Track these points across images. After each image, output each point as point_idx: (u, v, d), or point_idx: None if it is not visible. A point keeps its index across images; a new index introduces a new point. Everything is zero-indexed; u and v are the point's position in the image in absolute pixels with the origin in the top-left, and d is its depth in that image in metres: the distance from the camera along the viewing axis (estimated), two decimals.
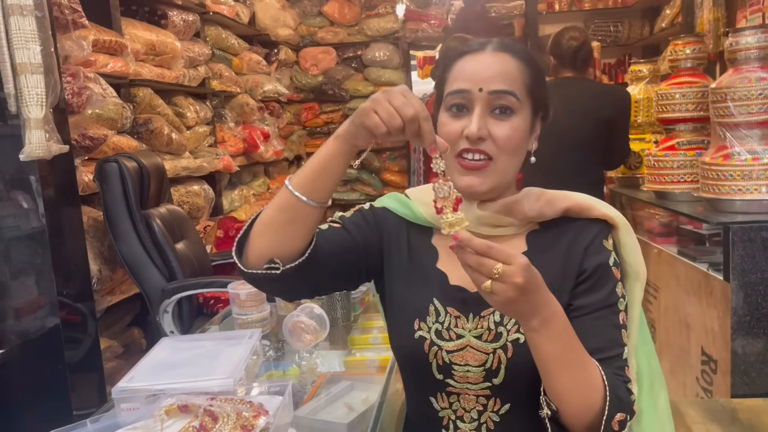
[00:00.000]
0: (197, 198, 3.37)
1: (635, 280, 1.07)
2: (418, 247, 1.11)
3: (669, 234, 2.75)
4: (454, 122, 1.03)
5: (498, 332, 1.01)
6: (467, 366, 1.02)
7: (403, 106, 0.88)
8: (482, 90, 1.00)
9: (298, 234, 0.97)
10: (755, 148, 2.12)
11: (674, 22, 4.67)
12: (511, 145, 1.01)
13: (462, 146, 1.01)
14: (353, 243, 1.09)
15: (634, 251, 1.07)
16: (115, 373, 2.48)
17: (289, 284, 1.00)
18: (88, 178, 2.45)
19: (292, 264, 0.97)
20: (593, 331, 0.98)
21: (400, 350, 1.09)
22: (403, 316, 1.08)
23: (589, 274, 1.02)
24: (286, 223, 0.97)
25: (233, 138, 4.07)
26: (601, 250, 1.04)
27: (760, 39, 2.14)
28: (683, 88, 2.59)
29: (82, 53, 2.28)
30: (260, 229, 0.99)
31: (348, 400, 1.36)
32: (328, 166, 0.95)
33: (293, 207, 0.96)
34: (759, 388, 2.01)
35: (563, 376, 0.90)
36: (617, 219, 1.06)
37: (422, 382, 1.07)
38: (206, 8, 3.78)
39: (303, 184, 0.96)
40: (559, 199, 1.06)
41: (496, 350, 1.01)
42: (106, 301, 2.55)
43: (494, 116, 1.01)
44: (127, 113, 2.65)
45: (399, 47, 5.57)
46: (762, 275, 2.01)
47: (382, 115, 0.89)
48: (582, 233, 1.05)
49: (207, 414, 0.98)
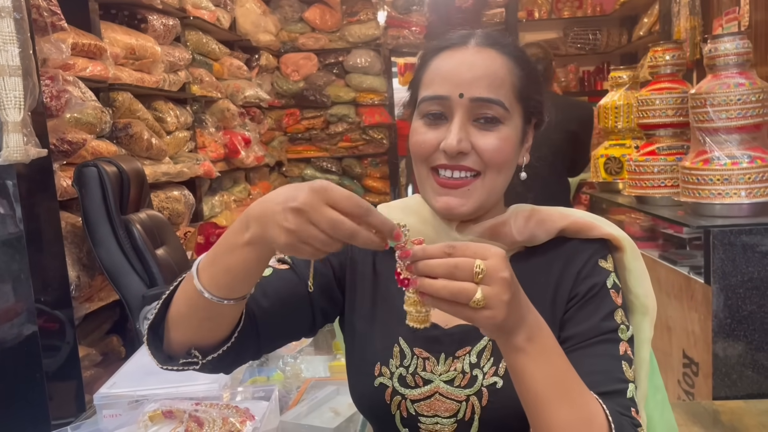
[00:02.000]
0: (177, 204, 3.33)
1: (643, 314, 0.90)
2: (385, 273, 0.95)
3: (650, 238, 2.78)
4: (429, 132, 0.86)
5: (473, 375, 0.85)
6: (436, 417, 0.86)
7: (334, 228, 0.65)
8: (463, 96, 0.84)
9: (219, 325, 0.80)
10: (734, 152, 2.15)
11: (652, 30, 4.75)
12: (499, 159, 0.86)
13: (439, 161, 0.85)
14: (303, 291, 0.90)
15: (642, 280, 0.90)
16: (93, 381, 2.44)
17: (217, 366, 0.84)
18: (67, 182, 2.41)
19: (214, 354, 0.81)
20: (587, 363, 0.80)
21: (360, 400, 0.93)
22: (362, 358, 0.92)
23: (584, 297, 0.86)
24: (203, 320, 0.78)
25: (214, 143, 4.04)
26: (598, 272, 0.87)
27: (738, 45, 2.17)
28: (663, 94, 2.63)
29: (61, 56, 2.25)
30: (175, 323, 0.80)
31: (333, 405, 1.35)
32: (246, 271, 0.75)
33: (210, 306, 0.76)
34: (740, 390, 2.04)
35: (557, 410, 0.71)
36: (623, 240, 0.89)
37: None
38: (187, 13, 3.75)
39: (218, 288, 0.75)
40: (554, 218, 0.89)
41: (469, 397, 0.85)
42: (84, 309, 2.50)
43: (478, 125, 0.86)
44: (106, 117, 2.61)
45: (380, 54, 5.58)
46: (742, 278, 2.03)
47: (316, 246, 0.67)
48: (575, 256, 0.89)
49: (192, 419, 0.97)
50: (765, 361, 2.05)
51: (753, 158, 2.13)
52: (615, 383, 0.80)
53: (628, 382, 0.81)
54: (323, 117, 5.60)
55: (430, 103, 0.86)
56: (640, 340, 0.89)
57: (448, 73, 0.86)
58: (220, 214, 4.12)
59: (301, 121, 5.66)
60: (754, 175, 2.11)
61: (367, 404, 0.92)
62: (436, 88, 0.86)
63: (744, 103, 2.12)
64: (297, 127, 5.67)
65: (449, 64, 0.86)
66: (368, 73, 5.55)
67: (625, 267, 0.90)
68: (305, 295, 0.90)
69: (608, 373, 0.80)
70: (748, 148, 2.15)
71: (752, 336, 2.04)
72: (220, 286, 0.75)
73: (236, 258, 0.73)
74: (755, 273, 2.03)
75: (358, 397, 0.93)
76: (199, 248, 3.28)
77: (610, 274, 0.88)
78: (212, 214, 4.05)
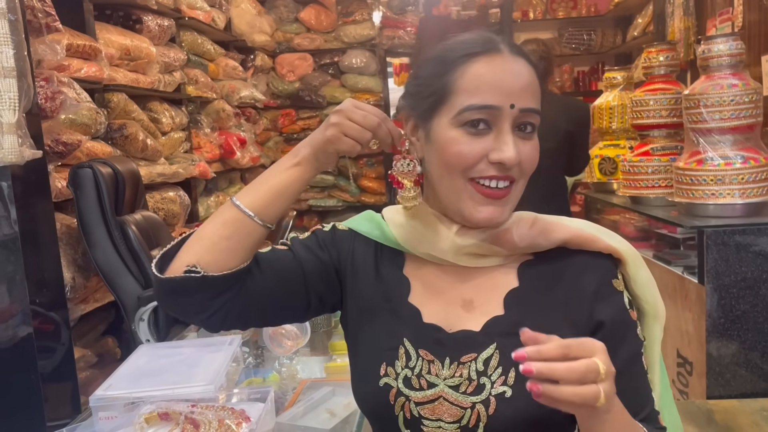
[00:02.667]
0: (173, 204, 3.32)
1: (654, 318, 0.92)
2: (388, 276, 0.95)
3: (644, 238, 2.79)
4: (473, 142, 0.84)
5: (480, 383, 0.85)
6: (439, 422, 0.86)
7: (365, 118, 0.87)
8: (514, 107, 0.84)
9: (233, 248, 0.89)
10: (727, 153, 2.16)
11: (646, 31, 4.76)
12: (532, 167, 0.88)
13: (487, 172, 0.85)
14: (297, 269, 0.95)
15: (650, 286, 0.92)
16: (89, 383, 2.43)
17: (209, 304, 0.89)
18: (62, 184, 2.40)
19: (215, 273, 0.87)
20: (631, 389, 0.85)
21: (362, 399, 0.94)
22: (367, 358, 0.92)
23: (609, 329, 0.87)
24: (222, 238, 0.89)
25: (209, 144, 4.04)
26: (613, 294, 0.89)
27: (731, 47, 2.18)
28: (657, 95, 2.64)
29: (56, 57, 2.24)
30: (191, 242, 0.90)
31: (329, 406, 1.35)
32: (288, 190, 0.91)
33: (236, 222, 0.89)
34: (734, 390, 2.05)
35: None
36: (624, 253, 0.90)
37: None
38: (182, 13, 3.75)
39: (255, 203, 0.89)
40: (556, 228, 0.90)
41: (476, 405, 0.84)
42: (79, 310, 2.50)
43: (518, 135, 0.86)
44: (101, 118, 2.61)
45: (376, 54, 5.59)
46: (735, 278, 2.04)
47: (353, 135, 0.87)
48: (586, 273, 0.89)
49: (188, 421, 0.97)
50: (758, 360, 2.06)
51: (746, 159, 2.14)
52: (648, 401, 0.87)
53: (651, 393, 0.88)
54: (319, 117, 5.60)
55: (477, 112, 0.84)
56: (651, 341, 0.92)
57: (496, 82, 0.84)
58: None
59: (296, 122, 5.66)
60: (748, 176, 2.13)
61: (370, 404, 0.92)
62: (485, 96, 0.84)
63: (737, 104, 2.13)
64: (292, 127, 5.66)
65: (491, 71, 0.85)
66: (363, 73, 5.55)
67: (631, 277, 0.91)
68: (301, 275, 0.95)
69: (644, 396, 0.87)
70: (742, 149, 2.16)
71: (746, 335, 2.05)
72: (259, 205, 0.89)
73: (282, 177, 0.91)
74: (748, 273, 2.04)
75: (362, 397, 0.93)
76: None
77: (623, 294, 0.90)
78: (208, 214, 4.05)
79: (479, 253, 0.90)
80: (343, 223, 1.02)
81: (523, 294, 0.89)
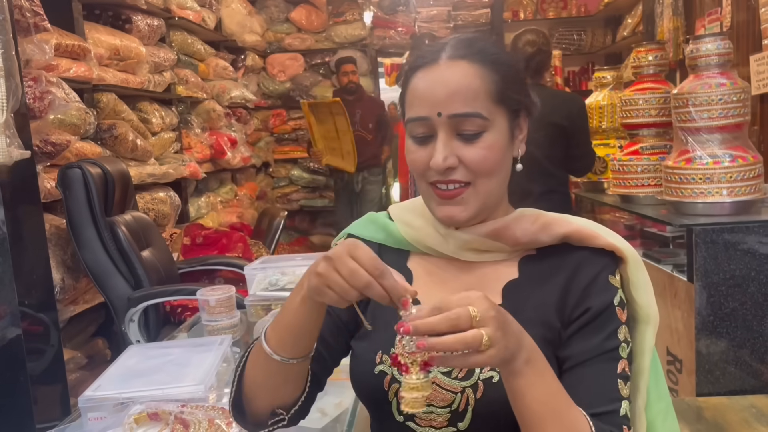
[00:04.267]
0: (163, 205, 3.31)
1: (646, 324, 0.92)
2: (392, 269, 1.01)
3: (634, 237, 2.80)
4: (419, 150, 0.91)
5: (470, 369, 0.88)
6: (431, 407, 0.89)
7: (352, 276, 0.76)
8: (441, 115, 0.87)
9: (295, 386, 0.93)
10: (716, 151, 2.17)
11: (635, 31, 4.79)
12: (487, 167, 0.89)
13: (433, 177, 0.90)
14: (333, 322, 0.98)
15: (645, 290, 0.92)
16: (78, 384, 2.42)
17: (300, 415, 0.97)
18: (51, 184, 2.39)
19: (295, 407, 0.93)
20: (586, 381, 0.85)
21: (359, 386, 0.97)
22: (365, 346, 0.96)
23: (590, 316, 0.88)
24: (279, 384, 0.91)
25: (200, 144, 4.02)
26: (607, 288, 0.90)
27: (719, 46, 2.20)
28: (646, 94, 2.65)
29: (44, 57, 2.23)
30: (253, 393, 0.92)
31: (320, 406, 1.35)
32: (305, 328, 0.86)
33: (281, 369, 0.88)
34: (723, 387, 2.06)
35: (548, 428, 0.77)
36: (626, 252, 0.91)
37: (382, 422, 0.96)
38: (172, 13, 3.74)
39: (283, 347, 0.87)
40: (558, 223, 0.92)
41: (465, 389, 0.88)
42: (69, 311, 2.48)
43: (462, 138, 0.88)
44: (90, 119, 2.59)
45: (367, 54, 5.59)
46: (724, 276, 2.05)
47: (337, 291, 0.77)
48: (585, 266, 0.91)
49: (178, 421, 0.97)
50: (747, 357, 2.07)
51: (734, 157, 2.16)
52: (610, 403, 0.85)
53: (622, 399, 0.85)
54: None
55: (415, 124, 0.90)
56: (641, 348, 0.92)
57: (425, 93, 0.89)
58: (206, 215, 4.11)
59: (287, 122, 5.65)
60: (736, 174, 2.14)
61: (366, 390, 0.95)
62: (417, 109, 0.90)
63: (725, 103, 2.14)
64: (283, 127, 5.66)
65: (424, 83, 0.89)
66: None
67: (629, 279, 0.92)
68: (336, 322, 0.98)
69: (605, 394, 0.85)
70: (730, 148, 2.17)
71: (734, 333, 2.07)
72: (285, 347, 0.86)
73: (295, 317, 0.85)
74: (737, 271, 2.05)
75: (358, 384, 0.97)
76: (185, 250, 3.26)
77: (618, 290, 0.91)
78: (198, 215, 4.04)
79: (482, 249, 0.94)
80: (344, 232, 1.05)
81: (522, 285, 0.92)
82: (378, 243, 1.01)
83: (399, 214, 1.02)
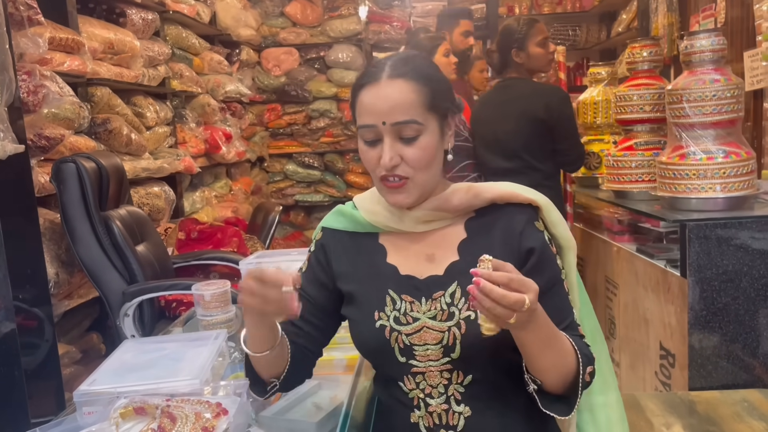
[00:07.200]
0: (158, 200, 3.30)
1: (568, 249, 1.20)
2: (366, 248, 1.21)
3: (628, 232, 2.81)
4: (370, 151, 1.13)
5: (450, 312, 1.11)
6: (426, 345, 1.12)
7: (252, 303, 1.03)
8: (385, 123, 1.09)
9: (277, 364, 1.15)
10: (710, 147, 2.18)
11: (630, 27, 4.79)
12: (423, 163, 1.11)
13: (382, 173, 1.12)
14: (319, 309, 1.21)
15: (561, 224, 1.19)
16: (73, 379, 2.42)
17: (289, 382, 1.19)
18: (45, 179, 2.38)
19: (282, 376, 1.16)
20: (553, 305, 1.09)
21: (364, 342, 1.19)
22: (363, 310, 1.17)
23: (535, 257, 1.14)
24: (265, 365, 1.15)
25: (194, 139, 4.01)
26: (535, 232, 1.16)
27: (713, 42, 2.20)
28: (640, 90, 2.66)
29: (38, 51, 2.22)
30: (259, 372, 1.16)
31: (316, 400, 1.35)
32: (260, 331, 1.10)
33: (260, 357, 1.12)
34: (715, 381, 2.08)
35: (545, 357, 1.02)
36: (539, 201, 1.18)
37: (388, 368, 1.17)
38: (166, 7, 3.72)
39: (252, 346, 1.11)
40: (485, 190, 1.17)
41: (450, 328, 1.11)
42: (63, 306, 2.48)
43: (403, 141, 1.11)
44: (84, 113, 2.58)
45: (362, 49, 5.57)
46: (717, 271, 2.07)
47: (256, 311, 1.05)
48: (514, 218, 1.16)
49: (165, 415, 0.96)
50: (739, 352, 2.09)
51: (728, 153, 2.17)
52: (570, 315, 1.14)
53: (572, 309, 1.15)
54: (305, 112, 5.58)
55: (365, 131, 1.12)
56: (569, 268, 1.19)
57: (371, 106, 1.11)
58: (201, 210, 4.10)
59: (282, 117, 5.64)
60: (729, 170, 2.15)
61: (371, 344, 1.16)
62: (365, 118, 1.12)
63: (719, 99, 2.15)
64: (278, 122, 5.64)
65: (369, 98, 1.11)
66: (350, 68, 5.53)
67: (547, 219, 1.18)
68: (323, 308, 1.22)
69: (564, 309, 1.14)
70: (723, 144, 2.18)
71: (727, 327, 2.08)
72: (254, 345, 1.12)
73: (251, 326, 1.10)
74: (730, 266, 2.07)
75: (364, 340, 1.18)
76: (180, 244, 3.26)
77: (543, 232, 1.17)
78: (193, 209, 4.03)
79: (431, 220, 1.18)
80: (318, 228, 1.27)
81: (471, 241, 1.16)
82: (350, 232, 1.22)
83: (361, 203, 1.24)
